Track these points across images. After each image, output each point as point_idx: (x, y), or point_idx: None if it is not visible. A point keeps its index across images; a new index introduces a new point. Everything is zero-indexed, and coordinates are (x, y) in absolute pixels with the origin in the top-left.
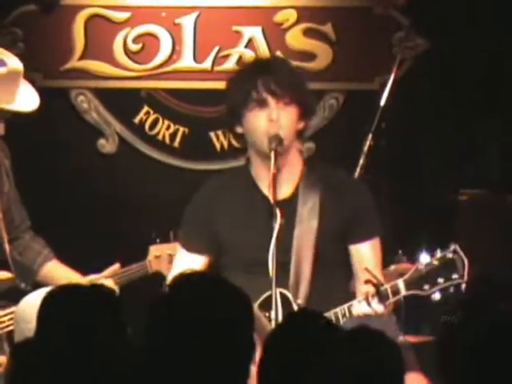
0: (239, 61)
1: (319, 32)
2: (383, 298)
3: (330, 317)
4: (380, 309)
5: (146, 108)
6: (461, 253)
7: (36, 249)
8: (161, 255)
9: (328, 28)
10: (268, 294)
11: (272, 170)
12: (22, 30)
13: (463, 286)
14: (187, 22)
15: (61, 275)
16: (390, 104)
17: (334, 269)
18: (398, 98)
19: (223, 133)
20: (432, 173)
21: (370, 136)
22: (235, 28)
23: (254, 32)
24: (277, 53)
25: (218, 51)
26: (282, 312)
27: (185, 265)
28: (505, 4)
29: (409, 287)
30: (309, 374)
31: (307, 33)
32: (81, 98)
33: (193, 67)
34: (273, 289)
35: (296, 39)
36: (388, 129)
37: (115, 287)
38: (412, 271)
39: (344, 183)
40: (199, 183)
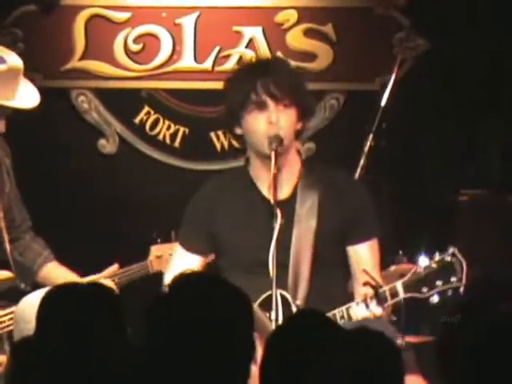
0: (240, 61)
1: (320, 32)
2: (381, 301)
3: None
4: (378, 311)
5: (147, 108)
6: (459, 256)
7: (36, 250)
8: (162, 255)
9: (328, 28)
10: (267, 295)
11: (273, 171)
12: (22, 31)
13: (461, 289)
14: (188, 22)
15: (60, 276)
16: (391, 104)
17: (333, 269)
18: (399, 99)
19: (223, 133)
20: (433, 173)
21: (371, 136)
22: (236, 28)
23: (255, 32)
24: (277, 53)
25: (219, 51)
26: (281, 313)
27: (182, 264)
28: (505, 4)
29: (407, 290)
30: (309, 374)
31: (308, 33)
32: (81, 99)
33: (193, 67)
34: (273, 289)
35: (296, 39)
36: (389, 129)
37: (114, 287)
38: (410, 274)
39: (343, 183)
40: (200, 183)
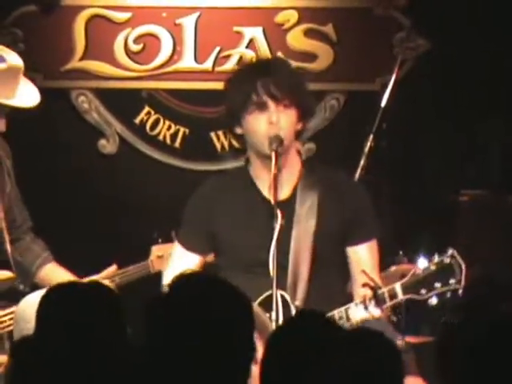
0: (240, 61)
1: (320, 33)
2: (380, 302)
3: None
4: (377, 312)
5: (147, 108)
6: (458, 258)
7: (36, 251)
8: (163, 255)
9: (329, 29)
10: (266, 295)
11: (273, 171)
12: (23, 31)
13: (460, 292)
14: (188, 23)
15: (58, 278)
16: (391, 105)
17: (332, 270)
18: (399, 99)
19: (224, 133)
20: (433, 173)
21: (371, 137)
22: (236, 28)
23: (255, 32)
24: (278, 53)
25: (219, 52)
26: (281, 313)
27: (181, 263)
28: (506, 4)
29: (406, 291)
30: (309, 375)
31: (308, 33)
32: (81, 99)
33: (194, 68)
34: (273, 290)
35: (297, 40)
36: (389, 129)
37: (113, 288)
38: (409, 275)
39: (343, 184)
40: (200, 184)
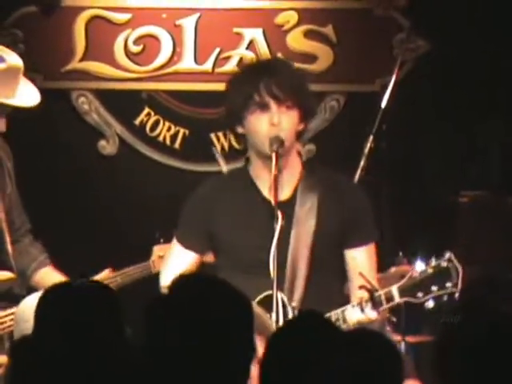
0: (240, 63)
1: (320, 34)
2: (377, 305)
3: None
4: (373, 315)
5: (147, 109)
6: (455, 261)
7: (33, 254)
8: (164, 255)
9: (329, 30)
10: (264, 295)
11: (273, 172)
12: (23, 32)
13: (457, 295)
14: (188, 24)
15: (53, 282)
16: (391, 106)
17: (330, 271)
18: (399, 100)
19: (224, 134)
20: (433, 174)
21: (371, 138)
22: (236, 30)
23: (255, 34)
24: (278, 55)
25: (219, 53)
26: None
27: (179, 261)
28: (505, 5)
29: (403, 294)
30: (309, 375)
31: (308, 34)
32: (81, 100)
33: (193, 69)
34: (274, 290)
35: (297, 41)
36: (389, 130)
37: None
38: (406, 278)
39: (343, 185)
40: (200, 184)
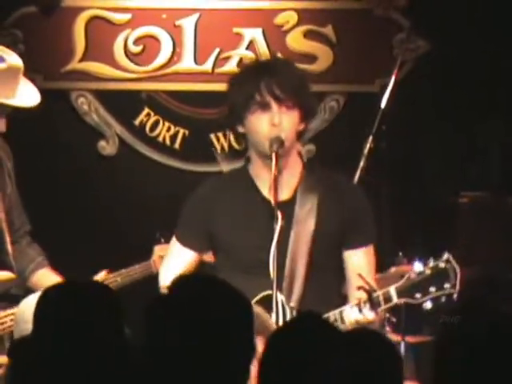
0: (240, 63)
1: (320, 34)
2: (375, 305)
3: None
4: (371, 316)
5: (147, 110)
6: (453, 262)
7: (30, 255)
8: (165, 255)
9: (328, 30)
10: (262, 296)
11: (273, 172)
12: (23, 32)
13: (455, 296)
14: (188, 24)
15: (50, 283)
16: (391, 106)
17: (328, 272)
18: (399, 100)
19: (224, 135)
20: (433, 175)
21: (371, 138)
22: (236, 30)
23: (255, 34)
24: (277, 55)
25: (219, 53)
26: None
27: (178, 260)
28: (505, 5)
29: (401, 295)
30: (309, 376)
31: (308, 35)
32: (81, 100)
33: (193, 69)
34: (274, 291)
35: (296, 41)
36: (388, 131)
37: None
38: (404, 279)
39: (343, 185)
40: (200, 184)
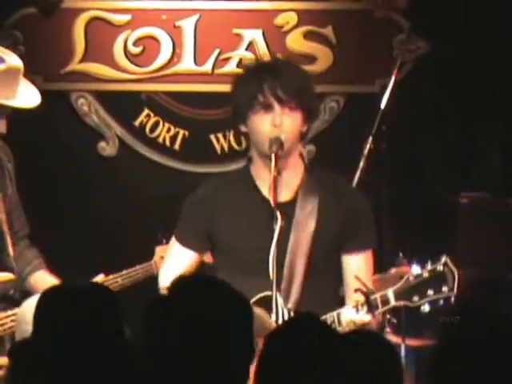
0: (240, 64)
1: (320, 35)
2: (372, 308)
3: None
4: (368, 318)
5: (147, 111)
6: (451, 265)
7: (28, 258)
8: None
9: (328, 31)
10: (260, 296)
11: (272, 173)
12: (23, 33)
13: (452, 299)
14: (188, 25)
15: (47, 285)
16: (391, 107)
17: (327, 273)
18: (399, 101)
19: (223, 135)
20: (433, 175)
21: (371, 139)
22: (236, 31)
23: (255, 35)
24: (277, 56)
25: (219, 54)
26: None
27: (178, 260)
28: (504, 6)
29: (398, 297)
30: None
31: (308, 36)
32: (81, 101)
33: (193, 70)
34: (273, 292)
35: (296, 42)
36: (388, 131)
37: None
38: (402, 282)
39: (343, 186)
40: (200, 184)
